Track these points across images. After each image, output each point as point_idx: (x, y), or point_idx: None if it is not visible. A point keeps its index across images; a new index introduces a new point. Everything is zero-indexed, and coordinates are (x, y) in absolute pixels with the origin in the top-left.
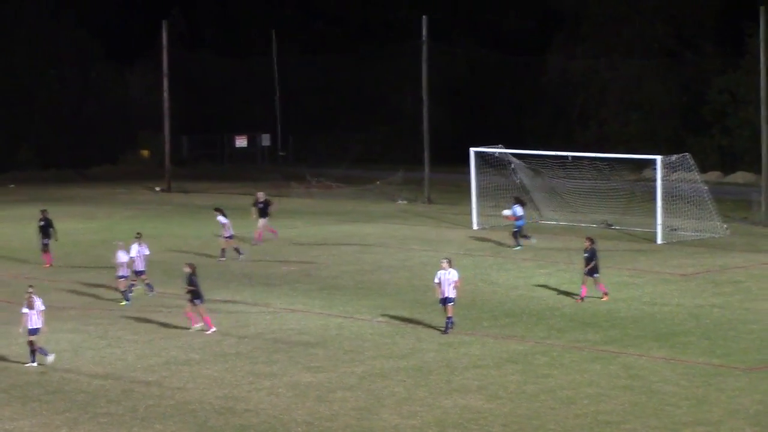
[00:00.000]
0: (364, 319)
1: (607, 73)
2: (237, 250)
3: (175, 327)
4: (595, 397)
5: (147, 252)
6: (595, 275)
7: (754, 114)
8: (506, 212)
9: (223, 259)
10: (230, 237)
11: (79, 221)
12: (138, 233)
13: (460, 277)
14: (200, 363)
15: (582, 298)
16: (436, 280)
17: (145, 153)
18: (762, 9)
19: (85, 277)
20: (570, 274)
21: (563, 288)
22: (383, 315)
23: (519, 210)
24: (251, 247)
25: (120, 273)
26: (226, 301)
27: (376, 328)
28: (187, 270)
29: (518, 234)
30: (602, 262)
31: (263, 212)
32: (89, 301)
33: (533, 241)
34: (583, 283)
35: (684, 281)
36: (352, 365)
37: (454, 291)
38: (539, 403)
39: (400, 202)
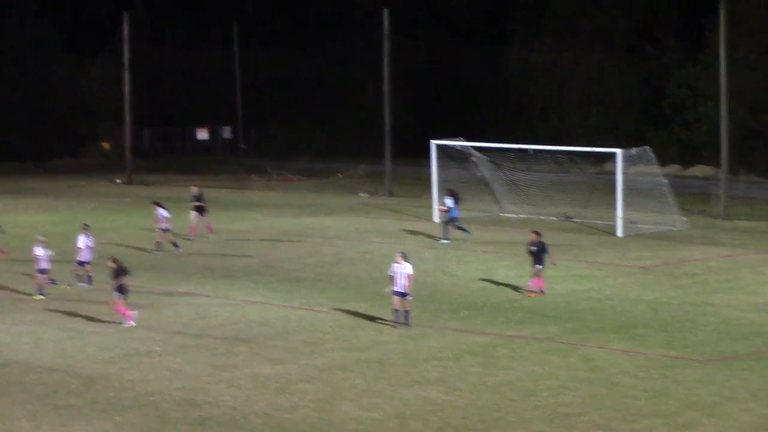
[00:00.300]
0: (325, 312)
1: (568, 67)
2: (174, 244)
3: (136, 318)
4: (555, 389)
5: (92, 244)
6: (538, 266)
7: (713, 108)
8: (440, 207)
9: (159, 252)
10: (166, 230)
11: (40, 214)
12: (85, 224)
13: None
14: (161, 355)
15: (542, 292)
16: (390, 273)
17: (106, 145)
18: (722, 3)
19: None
20: (529, 267)
21: (523, 281)
22: (341, 309)
23: (449, 202)
24: (213, 240)
25: (39, 267)
26: (187, 294)
27: (336, 320)
28: (112, 265)
29: (452, 225)
30: (562, 255)
31: (198, 207)
32: (49, 293)
33: (469, 234)
34: (533, 276)
35: (643, 274)
36: (312, 357)
37: (407, 284)
38: (499, 395)
39: (361, 195)
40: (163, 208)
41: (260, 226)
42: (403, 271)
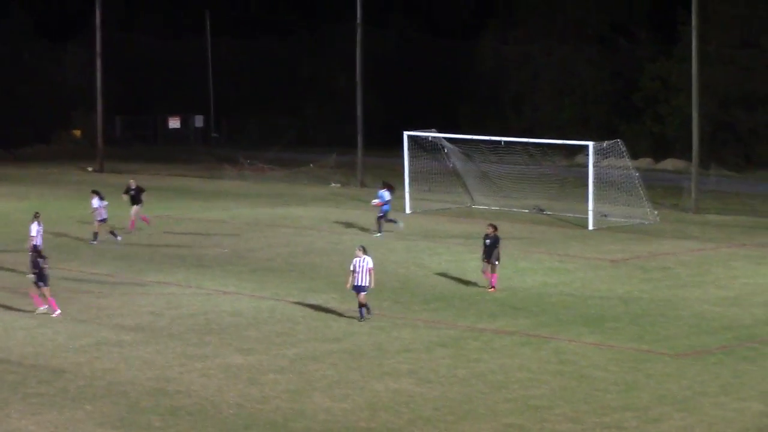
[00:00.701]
0: (296, 302)
1: (540, 59)
2: (112, 233)
3: (107, 308)
4: (526, 381)
5: (42, 232)
6: (495, 262)
7: (685, 102)
8: (375, 201)
9: (95, 242)
10: (103, 220)
11: (11, 201)
12: (36, 213)
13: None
14: (132, 344)
15: (493, 287)
16: (351, 267)
17: (77, 133)
18: None
19: (15, 257)
20: (501, 259)
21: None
22: (312, 299)
23: (386, 195)
24: (150, 232)
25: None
26: (158, 282)
27: (308, 311)
28: (32, 253)
29: (383, 219)
30: (533, 247)
31: (135, 199)
32: (19, 281)
33: (400, 225)
34: (485, 271)
35: (614, 267)
36: (283, 348)
37: (369, 278)
38: (470, 387)
39: (333, 185)
40: (101, 197)
41: (232, 215)
42: (363, 264)
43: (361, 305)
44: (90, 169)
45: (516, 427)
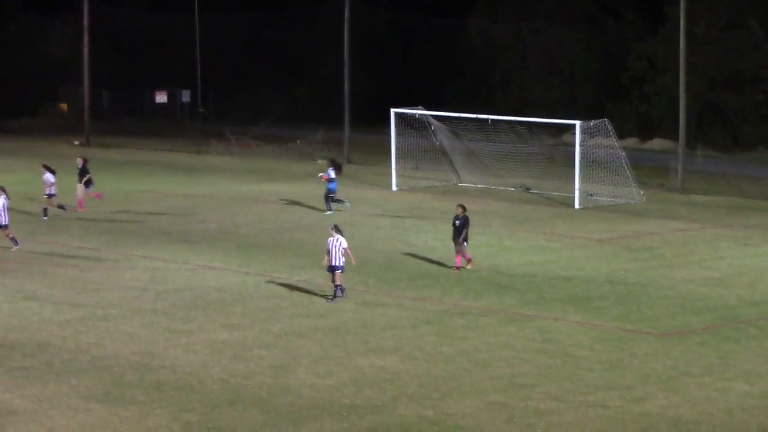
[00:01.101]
0: (282, 278)
1: (528, 38)
2: (61, 206)
3: (92, 282)
4: (511, 359)
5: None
6: (464, 243)
7: (672, 82)
8: (321, 174)
9: (45, 218)
10: (52, 195)
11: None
12: (1, 186)
13: (349, 245)
14: (117, 318)
15: (458, 268)
16: (326, 248)
17: (64, 107)
18: None
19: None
20: (487, 237)
21: (480, 251)
22: (298, 275)
23: (331, 173)
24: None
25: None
26: (144, 257)
27: (293, 286)
28: None
29: (330, 198)
30: (519, 226)
31: (81, 177)
32: (4, 255)
33: (347, 205)
34: (457, 252)
35: (600, 246)
36: (269, 323)
37: (343, 258)
38: (455, 364)
39: (319, 161)
40: (51, 171)
41: (218, 190)
42: (336, 244)
43: (336, 285)
44: (76, 142)
45: (500, 405)
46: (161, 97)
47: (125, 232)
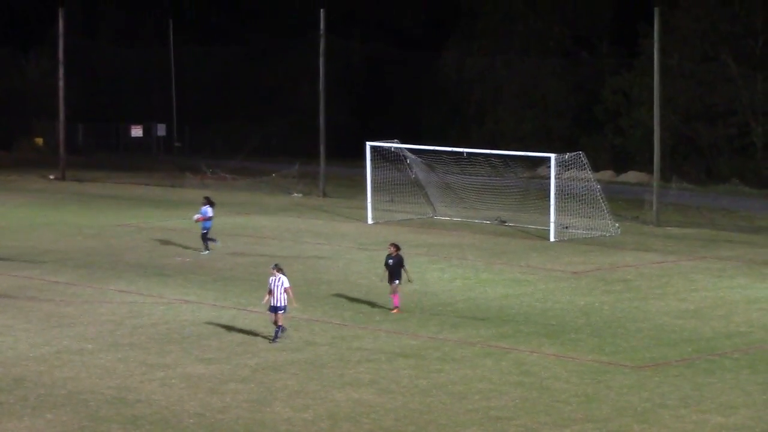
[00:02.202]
0: (258, 312)
1: (502, 71)
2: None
3: (68, 316)
4: (487, 392)
5: None
6: (396, 282)
7: (646, 115)
8: (196, 216)
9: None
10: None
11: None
12: None
13: (291, 285)
14: (93, 353)
15: (397, 308)
16: (268, 287)
17: (39, 141)
18: (657, 11)
19: None
20: (463, 270)
21: (456, 284)
22: None
23: (209, 211)
24: None
25: None
26: (120, 291)
27: (269, 320)
28: None
29: (206, 236)
30: (495, 258)
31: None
32: None
33: (217, 244)
34: (392, 292)
35: (575, 279)
36: (245, 357)
37: (284, 298)
38: (431, 397)
39: (295, 195)
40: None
41: (194, 224)
42: (278, 284)
43: (278, 326)
44: (51, 177)
45: None
46: (137, 131)
47: (100, 267)
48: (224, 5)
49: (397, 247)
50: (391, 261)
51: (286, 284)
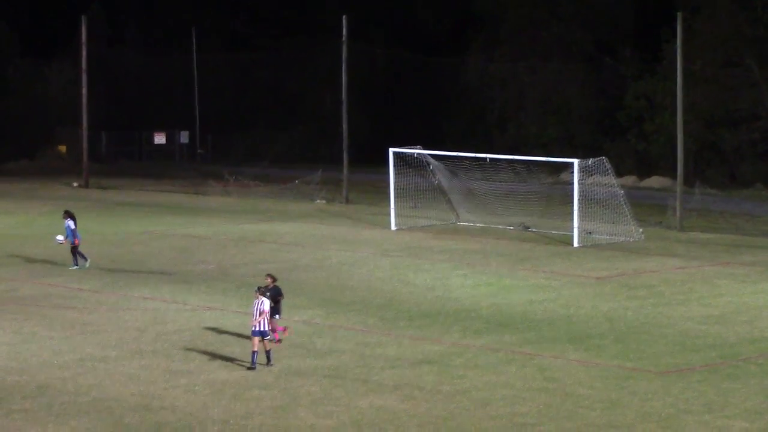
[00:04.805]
0: (281, 318)
1: (525, 77)
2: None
3: (92, 324)
4: (511, 398)
5: None
6: (276, 316)
7: (669, 120)
8: (60, 237)
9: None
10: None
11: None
12: None
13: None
14: (116, 360)
15: (279, 341)
16: (251, 310)
17: (63, 149)
18: (679, 15)
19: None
20: (486, 276)
21: (480, 290)
22: (297, 315)
23: (72, 224)
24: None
25: None
26: (143, 298)
27: (293, 326)
28: None
29: (76, 250)
30: (518, 264)
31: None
32: (4, 296)
33: (86, 264)
34: (272, 327)
35: (599, 284)
36: (268, 363)
37: (264, 322)
38: (455, 403)
39: (318, 201)
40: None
41: (217, 231)
42: (260, 307)
43: (254, 351)
44: (75, 184)
45: None
46: (160, 139)
47: (124, 274)
48: (246, 13)
49: (274, 278)
50: (267, 293)
51: (265, 307)
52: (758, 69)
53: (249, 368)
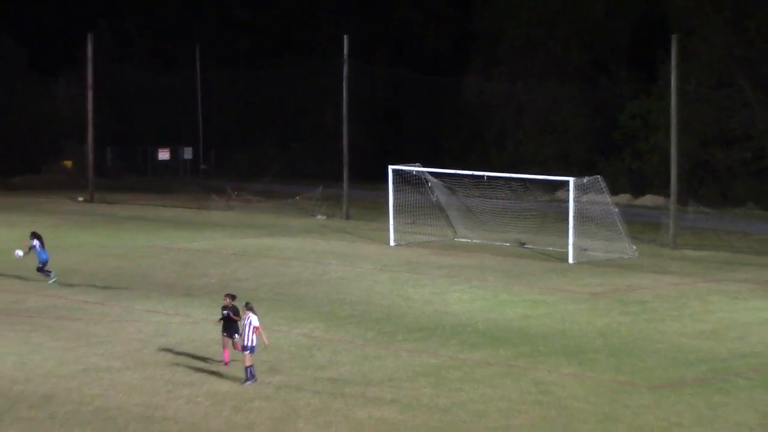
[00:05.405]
0: (282, 331)
1: (523, 96)
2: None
3: (96, 335)
4: (506, 411)
5: None
6: (235, 336)
7: (664, 139)
8: (19, 252)
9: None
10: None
11: (1, 229)
12: None
13: (261, 324)
14: (120, 370)
15: (226, 363)
16: (258, 324)
17: (69, 163)
18: (674, 37)
19: (4, 284)
20: (483, 291)
21: (476, 304)
22: (298, 328)
23: (37, 243)
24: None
25: None
26: (147, 311)
27: (293, 339)
28: None
29: (41, 268)
30: (514, 280)
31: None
32: (11, 308)
33: (51, 278)
34: (224, 345)
35: (593, 300)
36: (269, 375)
37: (255, 337)
38: (451, 415)
39: (318, 217)
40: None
41: (219, 245)
42: (247, 323)
43: (246, 367)
44: (80, 198)
45: None
46: (164, 154)
47: (128, 286)
48: (249, 31)
49: (233, 297)
50: (225, 312)
51: (256, 323)
52: (750, 90)
53: (245, 382)
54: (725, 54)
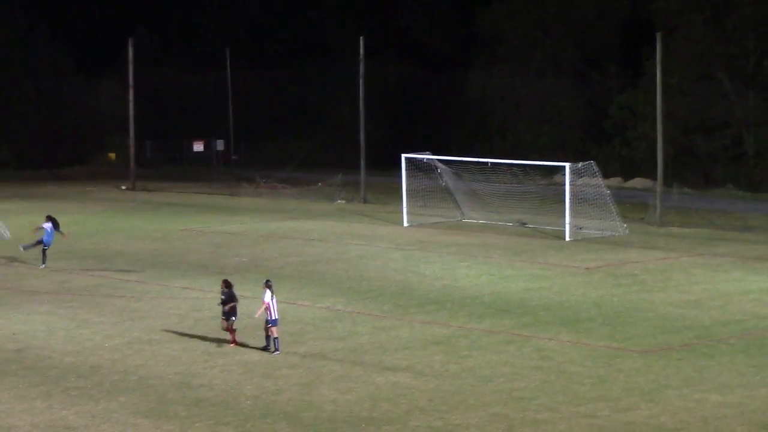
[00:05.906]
0: (306, 305)
1: (522, 90)
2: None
3: (138, 310)
4: (510, 375)
5: None
6: (232, 318)
7: (650, 128)
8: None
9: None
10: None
11: (53, 215)
12: None
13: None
14: (160, 343)
15: (235, 343)
16: (266, 300)
17: (112, 156)
18: (658, 35)
19: (56, 266)
20: (488, 267)
21: (482, 279)
22: (320, 303)
23: (49, 227)
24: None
25: None
26: (184, 288)
27: (317, 313)
28: None
29: (46, 250)
30: (516, 256)
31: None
32: (60, 287)
33: (42, 266)
34: (226, 328)
35: (588, 274)
36: (295, 346)
37: (274, 311)
38: (461, 380)
39: (338, 201)
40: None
41: (249, 228)
42: (273, 298)
43: (276, 337)
44: (123, 187)
45: (501, 416)
46: (198, 146)
47: (167, 266)
48: (275, 35)
49: (228, 284)
50: (223, 297)
51: (267, 298)
52: (729, 82)
53: (272, 352)
54: (705, 50)
